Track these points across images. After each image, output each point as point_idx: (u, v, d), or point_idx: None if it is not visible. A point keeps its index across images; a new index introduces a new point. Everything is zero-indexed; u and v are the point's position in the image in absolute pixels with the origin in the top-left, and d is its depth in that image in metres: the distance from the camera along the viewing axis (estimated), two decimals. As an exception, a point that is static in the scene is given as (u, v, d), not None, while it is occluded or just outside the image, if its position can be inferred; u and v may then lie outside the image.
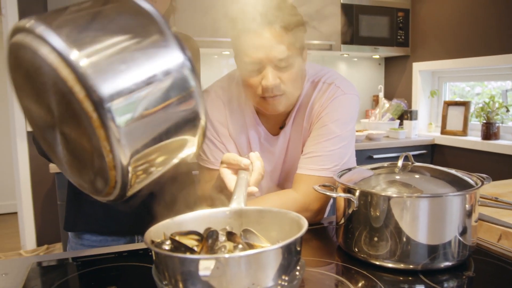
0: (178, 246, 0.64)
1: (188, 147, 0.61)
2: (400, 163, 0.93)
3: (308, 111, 1.18)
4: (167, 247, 0.65)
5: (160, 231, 0.68)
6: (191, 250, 0.64)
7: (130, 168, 0.54)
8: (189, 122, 0.58)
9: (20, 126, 2.71)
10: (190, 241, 0.66)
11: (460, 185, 0.87)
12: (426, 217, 0.81)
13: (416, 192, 0.85)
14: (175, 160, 0.61)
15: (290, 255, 0.61)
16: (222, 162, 0.97)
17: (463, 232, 0.83)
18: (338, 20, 3.09)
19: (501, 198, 1.20)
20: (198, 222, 0.74)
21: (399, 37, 3.32)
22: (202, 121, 0.59)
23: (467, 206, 0.83)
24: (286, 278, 0.61)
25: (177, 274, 0.58)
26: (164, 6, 1.20)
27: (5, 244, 3.86)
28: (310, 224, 1.13)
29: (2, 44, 2.82)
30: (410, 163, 0.97)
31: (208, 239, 0.65)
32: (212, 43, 2.69)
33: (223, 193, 0.99)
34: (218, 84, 1.26)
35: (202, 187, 1.24)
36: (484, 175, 0.93)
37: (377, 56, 3.63)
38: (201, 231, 0.69)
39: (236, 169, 0.96)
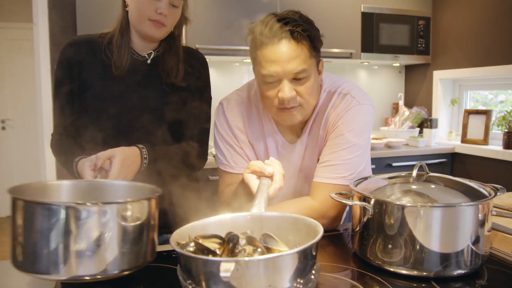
0: (201, 248, 0.69)
1: None
2: (414, 173, 0.96)
3: (324, 121, 1.21)
4: (191, 249, 0.69)
5: (185, 234, 0.73)
6: (213, 253, 0.69)
7: None
8: None
9: (48, 130, 2.81)
10: (212, 244, 0.70)
11: (474, 195, 0.89)
12: (439, 226, 0.84)
13: (430, 202, 0.88)
14: None
15: (306, 259, 0.65)
16: (247, 168, 1.01)
17: (476, 241, 0.85)
18: (358, 28, 3.11)
19: (517, 208, 1.20)
20: (220, 225, 0.78)
21: (419, 45, 3.32)
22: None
23: (480, 216, 0.85)
24: (301, 281, 0.64)
25: (200, 274, 0.62)
26: (174, 19, 1.25)
27: (30, 244, 3.98)
28: (326, 231, 1.16)
29: (32, 51, 2.93)
30: (425, 173, 0.99)
31: (229, 243, 0.69)
32: (233, 51, 2.75)
33: (245, 197, 1.03)
34: (238, 93, 1.31)
35: (222, 191, 1.28)
36: (498, 186, 0.95)
37: (398, 64, 3.63)
38: (223, 234, 0.73)
39: (260, 175, 1.00)
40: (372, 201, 0.89)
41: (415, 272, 0.85)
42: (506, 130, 2.81)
